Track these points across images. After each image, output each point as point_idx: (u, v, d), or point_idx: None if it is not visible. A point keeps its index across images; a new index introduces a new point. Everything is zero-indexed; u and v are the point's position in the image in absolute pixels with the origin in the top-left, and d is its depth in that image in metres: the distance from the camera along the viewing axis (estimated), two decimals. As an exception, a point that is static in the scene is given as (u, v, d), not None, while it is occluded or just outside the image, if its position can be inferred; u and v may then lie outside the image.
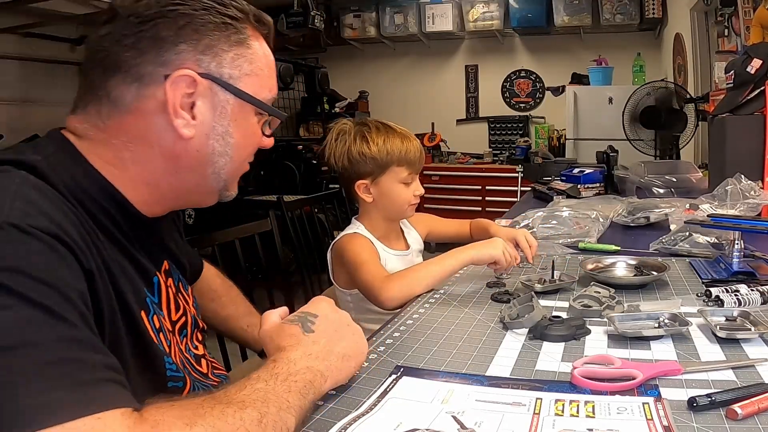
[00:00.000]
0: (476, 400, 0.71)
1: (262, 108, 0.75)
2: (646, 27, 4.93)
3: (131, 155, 0.70)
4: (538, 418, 0.65)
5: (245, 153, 0.77)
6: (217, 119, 0.72)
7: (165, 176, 0.73)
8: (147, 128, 0.69)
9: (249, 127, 0.76)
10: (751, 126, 1.80)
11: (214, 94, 0.71)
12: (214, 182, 0.76)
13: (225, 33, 0.70)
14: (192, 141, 0.71)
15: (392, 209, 1.41)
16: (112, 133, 0.70)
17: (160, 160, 0.71)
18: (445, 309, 1.07)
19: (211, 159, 0.73)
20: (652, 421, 0.63)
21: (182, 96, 0.68)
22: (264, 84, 0.75)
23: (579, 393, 0.71)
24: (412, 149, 1.38)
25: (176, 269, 0.87)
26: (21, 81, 4.37)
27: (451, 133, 5.76)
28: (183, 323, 0.83)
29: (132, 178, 0.71)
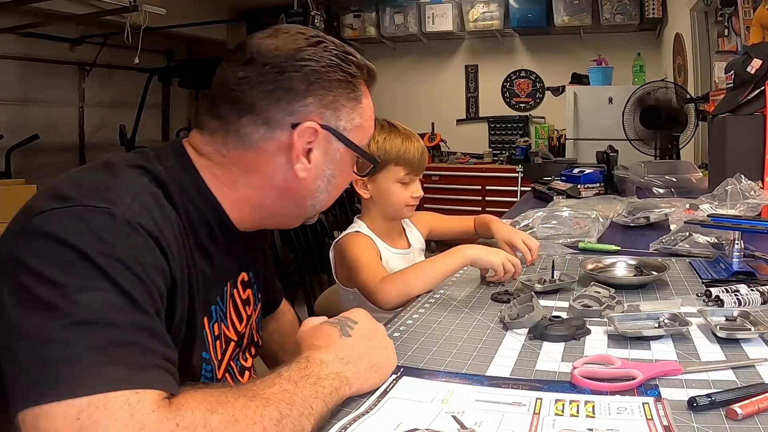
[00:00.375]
0: (476, 400, 0.71)
1: (365, 157, 0.85)
2: (646, 27, 4.93)
3: (244, 181, 0.79)
4: (538, 418, 0.65)
5: (340, 190, 0.87)
6: (328, 164, 0.81)
7: (271, 203, 0.82)
8: (266, 164, 0.78)
9: (348, 170, 0.86)
10: (751, 126, 1.80)
11: (329, 143, 0.80)
12: (309, 212, 0.86)
13: (345, 90, 0.80)
14: (304, 181, 0.80)
15: (388, 208, 1.41)
16: (233, 161, 0.79)
17: (271, 191, 0.81)
18: (445, 309, 1.07)
19: (314, 195, 0.83)
20: (652, 421, 0.63)
21: (304, 143, 0.77)
22: (368, 134, 0.85)
23: (579, 393, 0.71)
24: (412, 150, 1.37)
25: (255, 282, 0.93)
26: (21, 81, 4.37)
27: (451, 133, 5.76)
28: (244, 334, 0.89)
29: (239, 199, 0.80)
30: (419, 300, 1.14)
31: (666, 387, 0.71)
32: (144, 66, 4.15)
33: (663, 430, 0.61)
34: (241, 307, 0.87)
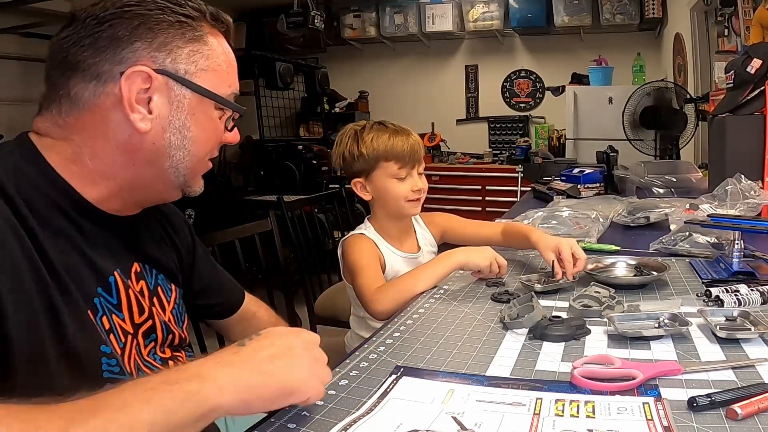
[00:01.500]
0: (476, 400, 0.71)
1: (220, 102, 0.77)
2: (646, 27, 4.93)
3: (89, 150, 0.73)
4: (539, 419, 0.65)
5: (205, 148, 0.78)
6: (174, 113, 0.74)
7: (122, 170, 0.74)
8: (104, 123, 0.72)
9: (208, 122, 0.77)
10: (751, 126, 1.80)
11: (170, 89, 0.73)
12: (172, 176, 0.77)
13: (180, 30, 0.73)
14: (148, 134, 0.73)
15: (390, 206, 1.40)
16: (71, 129, 0.72)
17: (117, 153, 0.73)
18: (445, 309, 1.07)
19: (168, 152, 0.75)
20: (652, 421, 0.63)
21: (138, 91, 0.71)
22: (223, 79, 0.77)
23: (579, 393, 0.71)
24: (400, 143, 1.36)
25: (155, 273, 0.87)
26: (21, 81, 4.37)
27: (451, 133, 5.75)
28: (150, 327, 0.82)
29: (89, 172, 0.73)
30: (419, 300, 1.14)
31: (666, 387, 0.71)
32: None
33: (663, 430, 0.61)
34: (134, 297, 0.80)
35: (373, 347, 0.89)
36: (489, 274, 1.24)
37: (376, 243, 1.38)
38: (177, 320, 0.90)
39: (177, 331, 0.89)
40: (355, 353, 0.87)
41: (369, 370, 0.81)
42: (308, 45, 5.73)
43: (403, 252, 1.43)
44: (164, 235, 0.93)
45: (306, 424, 0.66)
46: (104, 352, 0.71)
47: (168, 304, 0.89)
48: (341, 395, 0.73)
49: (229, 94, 0.78)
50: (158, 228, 0.92)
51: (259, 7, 5.48)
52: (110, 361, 0.72)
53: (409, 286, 1.20)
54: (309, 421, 0.67)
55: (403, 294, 1.19)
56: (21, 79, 4.37)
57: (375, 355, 0.86)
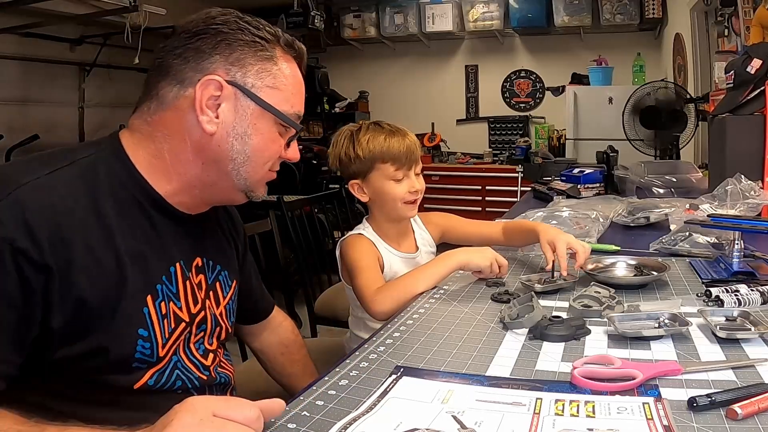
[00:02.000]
0: (476, 400, 0.71)
1: (279, 117, 0.84)
2: (646, 27, 4.93)
3: (168, 146, 0.82)
4: (539, 418, 0.65)
5: (264, 156, 0.85)
6: (238, 121, 0.82)
7: (193, 167, 0.83)
8: (181, 123, 0.81)
9: (268, 134, 0.85)
10: (751, 126, 1.80)
11: (237, 99, 0.81)
12: (234, 178, 0.85)
13: (253, 49, 0.82)
14: (214, 137, 0.81)
15: (387, 207, 1.40)
16: (156, 126, 0.82)
17: (190, 151, 0.82)
18: (445, 309, 1.07)
19: (231, 155, 0.83)
20: (652, 420, 0.63)
21: (209, 97, 0.80)
22: (286, 98, 0.85)
23: (579, 393, 0.71)
24: (396, 144, 1.35)
25: (218, 269, 0.95)
26: (21, 81, 4.37)
27: (451, 133, 5.76)
28: (202, 318, 0.89)
29: (167, 168, 0.82)
30: (419, 300, 1.14)
31: (666, 387, 0.71)
32: (144, 66, 4.13)
33: (663, 430, 0.61)
34: (190, 289, 0.88)
35: (373, 347, 0.89)
36: (490, 274, 1.23)
37: (375, 243, 1.38)
38: (228, 314, 0.98)
39: (225, 324, 0.96)
40: (355, 353, 0.87)
41: (369, 370, 0.81)
42: (308, 45, 5.70)
43: (401, 252, 1.43)
44: (229, 235, 1.02)
45: (306, 424, 0.66)
46: (141, 334, 0.78)
47: (223, 299, 0.96)
48: (341, 395, 0.73)
49: (291, 113, 0.86)
50: (225, 227, 1.01)
51: (259, 7, 5.48)
52: (145, 344, 0.79)
53: (409, 286, 1.20)
54: (309, 422, 0.67)
55: (403, 294, 1.18)
56: (21, 79, 4.37)
57: (375, 355, 0.86)
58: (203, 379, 0.89)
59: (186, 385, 0.86)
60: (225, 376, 0.96)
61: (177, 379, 0.85)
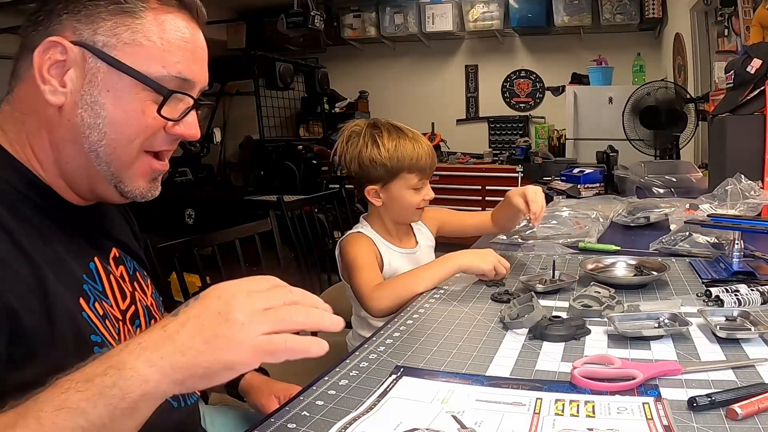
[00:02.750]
0: (476, 399, 0.71)
1: (138, 78, 0.68)
2: (646, 27, 4.93)
3: (27, 128, 0.70)
4: (539, 418, 0.65)
5: (126, 132, 0.70)
6: (87, 87, 0.68)
7: (50, 151, 0.71)
8: (32, 99, 0.69)
9: (129, 102, 0.69)
10: (751, 126, 1.80)
11: (86, 62, 0.68)
12: (96, 164, 0.70)
13: (107, 3, 0.68)
14: (63, 110, 0.69)
15: (401, 214, 1.41)
16: (14, 105, 0.71)
17: (44, 132, 0.70)
18: (445, 309, 1.07)
19: (82, 131, 0.69)
20: (652, 420, 0.63)
21: (52, 63, 0.67)
22: (153, 56, 0.69)
23: (579, 393, 0.71)
24: (423, 155, 1.35)
25: (129, 259, 0.86)
26: (21, 81, 4.37)
27: (451, 133, 5.76)
28: (134, 312, 0.80)
29: (34, 154, 0.71)
30: (419, 300, 1.14)
31: (666, 387, 0.71)
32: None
33: (663, 429, 0.61)
34: (115, 283, 0.78)
35: (373, 347, 0.89)
36: (494, 277, 1.23)
37: (374, 241, 1.38)
38: (158, 305, 0.90)
39: (158, 316, 0.87)
40: (355, 353, 0.87)
41: (369, 370, 0.81)
42: (308, 45, 5.74)
43: (401, 248, 1.43)
44: (129, 225, 0.93)
45: (306, 424, 0.66)
46: (94, 341, 0.69)
47: (147, 288, 0.88)
48: (341, 395, 0.73)
49: (162, 75, 0.69)
50: (124, 215, 0.92)
51: (259, 7, 5.48)
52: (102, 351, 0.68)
53: (408, 285, 1.20)
54: (309, 421, 0.67)
55: (402, 293, 1.18)
56: (21, 79, 4.37)
57: (375, 355, 0.86)
58: None
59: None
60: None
61: None
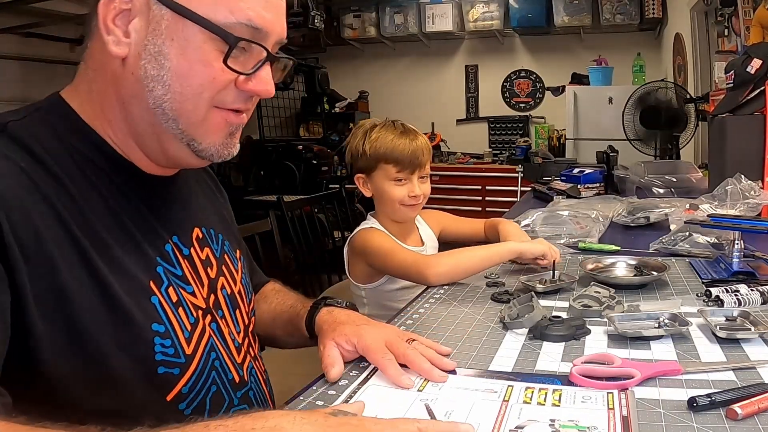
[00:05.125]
0: (451, 387, 0.73)
1: (201, 24, 0.62)
2: (646, 27, 4.93)
3: (96, 87, 0.66)
4: (506, 406, 0.67)
5: (191, 84, 0.64)
6: (150, 37, 0.62)
7: (118, 110, 0.66)
8: (100, 50, 0.65)
9: (194, 52, 0.63)
10: (751, 126, 1.80)
11: (150, 10, 0.62)
12: (163, 121, 0.65)
13: None
14: (127, 62, 0.63)
15: (387, 207, 1.42)
16: (87, 63, 0.67)
17: (111, 88, 0.65)
18: (446, 308, 1.07)
19: (146, 84, 0.63)
20: (612, 410, 0.65)
21: (117, 13, 0.62)
22: (220, 1, 0.62)
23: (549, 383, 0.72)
24: (401, 147, 1.36)
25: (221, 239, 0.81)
26: (21, 81, 4.37)
27: (451, 133, 5.76)
28: (215, 302, 0.76)
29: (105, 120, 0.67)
30: (419, 300, 1.14)
31: (666, 387, 0.71)
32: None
33: (621, 421, 0.62)
34: (201, 270, 0.73)
35: (373, 347, 0.89)
36: (544, 262, 1.24)
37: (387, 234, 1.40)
38: (247, 292, 0.85)
39: (245, 307, 0.82)
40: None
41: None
42: (308, 45, 5.73)
43: (408, 246, 1.44)
44: (223, 204, 0.88)
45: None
46: (155, 330, 0.64)
47: (237, 273, 0.82)
48: (341, 395, 0.74)
49: (231, 23, 0.63)
50: (211, 189, 0.87)
51: (259, 7, 5.47)
52: (164, 341, 0.65)
53: (468, 259, 1.21)
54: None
55: (460, 265, 1.20)
56: (21, 79, 4.37)
57: (375, 355, 0.86)
58: (235, 383, 0.75)
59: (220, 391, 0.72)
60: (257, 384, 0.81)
61: (212, 383, 0.71)
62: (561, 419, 0.63)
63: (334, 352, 0.78)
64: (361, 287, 1.42)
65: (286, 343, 0.99)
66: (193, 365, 0.68)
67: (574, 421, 0.63)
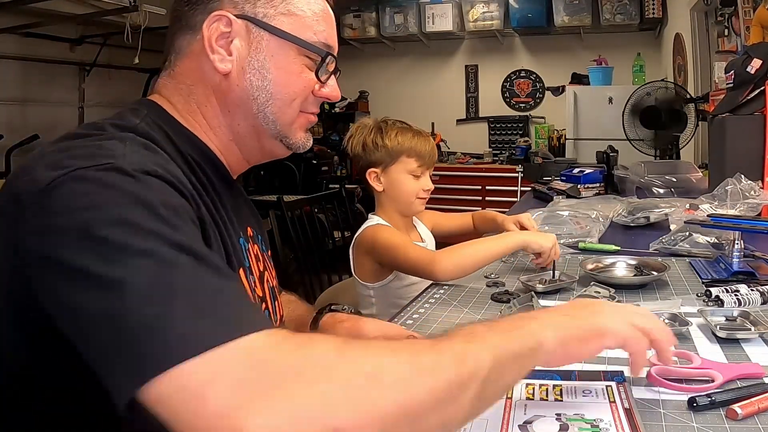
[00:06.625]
0: None
1: (296, 43, 0.76)
2: (646, 27, 4.93)
3: (195, 99, 0.76)
4: (511, 403, 0.68)
5: (289, 92, 0.77)
6: (253, 54, 0.75)
7: (222, 117, 0.77)
8: (199, 70, 0.75)
9: (289, 66, 0.76)
10: (751, 126, 1.80)
11: (250, 32, 0.75)
12: (264, 123, 0.77)
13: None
14: (231, 76, 0.75)
15: (401, 200, 1.44)
16: (179, 78, 0.76)
17: (214, 99, 0.76)
18: (446, 309, 1.07)
19: (251, 94, 0.75)
20: (614, 403, 0.66)
21: (219, 35, 0.73)
22: (305, 25, 0.76)
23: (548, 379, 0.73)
24: (423, 143, 1.44)
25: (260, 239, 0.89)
26: (21, 81, 4.37)
27: (451, 133, 5.76)
28: (261, 295, 0.83)
29: (202, 124, 0.77)
30: (419, 300, 1.14)
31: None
32: (144, 66, 4.14)
33: (624, 412, 0.63)
34: (254, 263, 0.82)
35: (373, 347, 0.89)
36: (548, 258, 1.24)
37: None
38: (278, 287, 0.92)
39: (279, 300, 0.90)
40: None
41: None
42: (308, 45, 5.73)
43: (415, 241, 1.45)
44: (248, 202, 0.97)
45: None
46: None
47: (272, 270, 0.91)
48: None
49: (315, 42, 0.77)
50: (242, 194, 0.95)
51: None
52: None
53: (473, 252, 1.22)
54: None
55: (466, 259, 1.21)
56: (21, 79, 4.37)
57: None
58: None
59: None
60: None
61: None
62: (567, 413, 0.64)
63: None
64: (369, 286, 1.42)
65: None
66: None
67: (580, 414, 0.64)
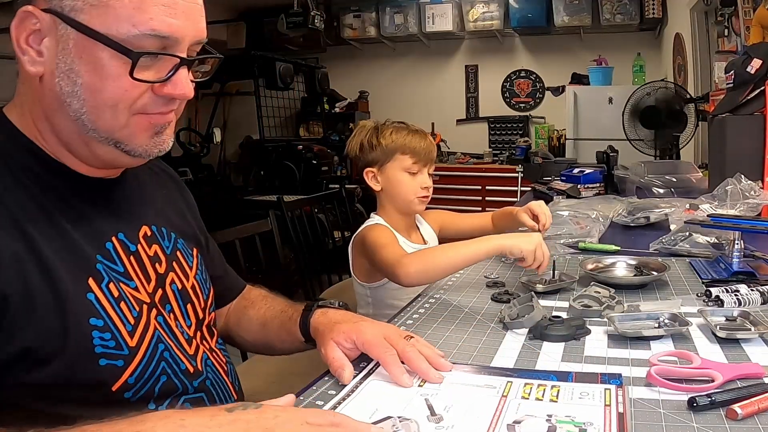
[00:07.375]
0: (451, 382, 0.74)
1: (104, 42, 0.64)
2: (646, 27, 4.93)
3: (28, 105, 0.70)
4: (505, 401, 0.67)
5: (104, 98, 0.66)
6: (60, 55, 0.66)
7: (45, 121, 0.70)
8: (22, 70, 0.68)
9: (102, 67, 0.65)
10: (751, 126, 1.80)
11: (57, 30, 0.65)
12: (85, 131, 0.68)
13: None
14: (44, 80, 0.67)
15: (399, 199, 1.44)
16: (18, 81, 0.70)
17: (37, 103, 0.69)
18: (445, 309, 1.07)
19: (64, 100, 0.67)
20: (609, 407, 0.65)
21: (29, 33, 0.66)
22: (122, 16, 0.64)
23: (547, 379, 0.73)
24: (418, 139, 1.43)
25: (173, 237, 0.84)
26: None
27: (451, 133, 5.76)
28: (162, 296, 0.78)
29: (37, 133, 0.70)
30: (419, 300, 1.14)
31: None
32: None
33: (617, 417, 0.63)
34: (149, 265, 0.77)
35: (373, 347, 0.89)
36: (533, 262, 1.11)
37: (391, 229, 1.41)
38: (203, 288, 0.87)
39: (198, 301, 0.85)
40: (355, 353, 0.87)
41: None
42: (308, 45, 5.73)
43: (412, 243, 1.45)
44: (183, 205, 0.93)
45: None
46: (94, 324, 0.67)
47: (191, 269, 0.86)
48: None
49: (134, 35, 0.64)
50: (173, 194, 0.91)
51: (259, 7, 5.47)
52: (103, 335, 0.67)
53: (440, 253, 1.15)
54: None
55: (432, 263, 1.13)
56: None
57: (375, 355, 0.86)
58: (189, 372, 0.77)
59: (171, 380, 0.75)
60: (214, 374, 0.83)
61: (162, 373, 0.74)
62: (558, 415, 0.64)
63: (338, 353, 0.79)
64: (366, 286, 1.42)
65: (279, 350, 0.99)
66: (138, 357, 0.71)
67: (571, 416, 0.63)
